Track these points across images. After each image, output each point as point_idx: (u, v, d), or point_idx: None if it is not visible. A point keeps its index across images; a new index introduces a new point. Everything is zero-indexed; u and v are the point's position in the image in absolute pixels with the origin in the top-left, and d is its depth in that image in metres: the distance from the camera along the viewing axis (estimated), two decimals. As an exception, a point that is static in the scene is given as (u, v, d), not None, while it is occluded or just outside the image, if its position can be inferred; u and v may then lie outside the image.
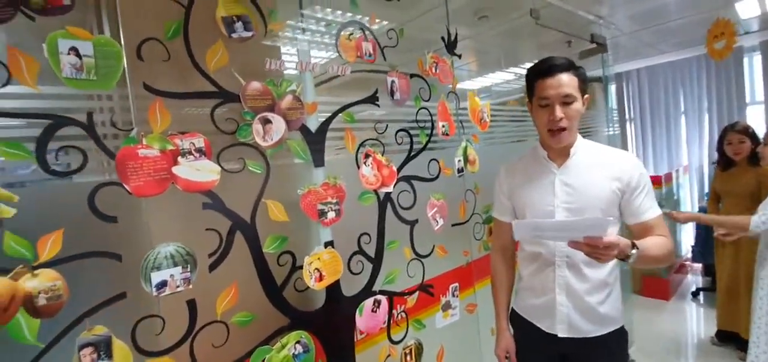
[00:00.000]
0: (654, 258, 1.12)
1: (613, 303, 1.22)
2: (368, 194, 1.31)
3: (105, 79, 0.83)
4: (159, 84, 0.90)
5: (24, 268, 0.74)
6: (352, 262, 1.27)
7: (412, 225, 1.46)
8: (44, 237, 0.76)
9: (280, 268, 1.10)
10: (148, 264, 0.87)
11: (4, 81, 0.73)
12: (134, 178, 0.85)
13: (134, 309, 0.86)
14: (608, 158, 1.21)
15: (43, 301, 0.75)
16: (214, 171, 0.97)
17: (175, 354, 0.91)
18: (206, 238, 0.97)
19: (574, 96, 1.14)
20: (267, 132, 1.07)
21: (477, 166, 1.73)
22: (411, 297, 1.44)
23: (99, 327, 0.81)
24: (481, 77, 3.74)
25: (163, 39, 0.92)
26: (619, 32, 3.35)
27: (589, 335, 1.21)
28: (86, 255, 0.80)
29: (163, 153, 0.89)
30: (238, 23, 1.03)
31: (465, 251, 1.69)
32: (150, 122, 0.89)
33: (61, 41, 0.78)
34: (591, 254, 1.00)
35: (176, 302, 0.91)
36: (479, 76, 3.74)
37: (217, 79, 0.99)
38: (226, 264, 0.99)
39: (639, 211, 1.18)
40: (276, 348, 1.08)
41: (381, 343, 1.35)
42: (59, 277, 0.77)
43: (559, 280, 1.21)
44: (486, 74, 3.65)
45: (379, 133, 1.35)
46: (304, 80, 1.17)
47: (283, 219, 1.10)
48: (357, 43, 1.29)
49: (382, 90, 1.37)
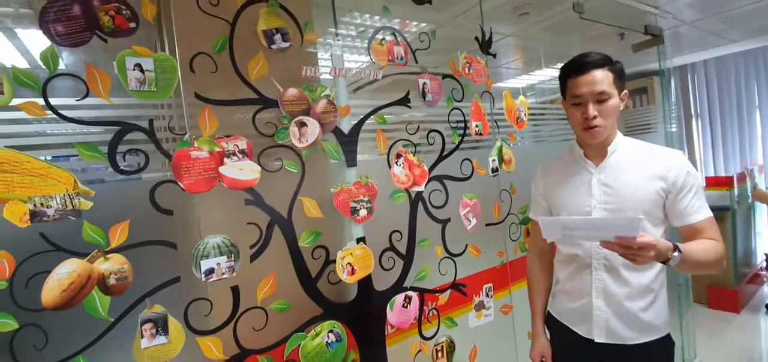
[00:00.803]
0: (699, 263, 1.05)
1: (657, 310, 1.16)
2: (400, 193, 1.36)
3: (163, 90, 0.95)
4: (208, 93, 1.01)
5: (98, 253, 0.88)
6: (383, 258, 1.32)
7: (444, 224, 1.48)
8: (114, 226, 0.89)
9: (315, 261, 1.18)
10: (198, 252, 0.98)
11: (84, 94, 0.87)
12: (187, 176, 0.96)
13: (186, 292, 0.97)
14: (652, 156, 1.15)
15: (113, 281, 0.88)
16: (255, 170, 1.06)
17: (221, 334, 1.02)
18: (248, 231, 1.07)
19: (609, 93, 1.11)
20: (303, 134, 1.15)
21: (513, 165, 1.71)
22: (443, 295, 1.47)
23: (158, 306, 0.93)
24: (527, 75, 3.64)
25: (212, 52, 1.03)
26: (679, 22, 3.11)
27: (629, 342, 1.16)
28: (148, 243, 0.93)
29: (211, 154, 1.00)
30: (277, 35, 1.12)
31: (500, 252, 1.68)
32: (200, 127, 1.00)
33: (128, 59, 0.90)
34: (625, 255, 0.97)
35: (222, 288, 1.02)
36: (525, 74, 3.64)
37: (258, 87, 1.09)
38: (265, 256, 1.08)
39: (686, 213, 1.11)
40: (310, 335, 1.16)
41: (412, 338, 1.39)
42: (126, 261, 0.90)
43: (596, 284, 1.18)
44: (532, 71, 3.54)
45: (410, 134, 1.39)
46: (338, 85, 1.24)
47: (318, 215, 1.17)
48: (389, 48, 1.34)
49: (413, 91, 1.41)
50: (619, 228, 0.94)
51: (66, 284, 0.83)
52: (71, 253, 0.85)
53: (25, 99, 0.82)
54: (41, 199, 0.82)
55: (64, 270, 0.84)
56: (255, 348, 1.07)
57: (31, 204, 0.81)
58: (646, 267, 1.14)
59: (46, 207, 0.83)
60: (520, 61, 3.36)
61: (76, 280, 0.84)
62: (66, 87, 0.85)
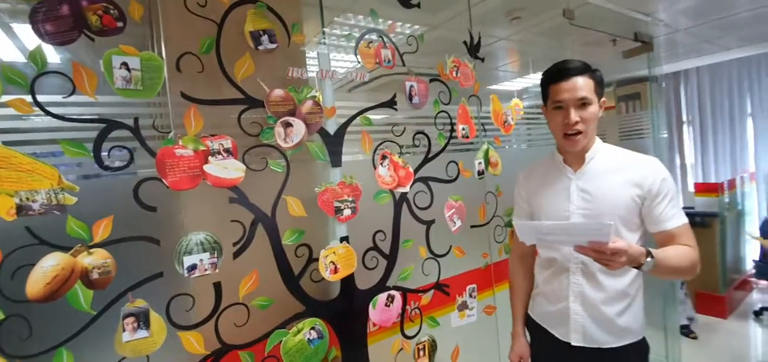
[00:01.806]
0: (673, 269, 1.08)
1: (633, 314, 1.19)
2: (384, 193, 1.38)
3: (149, 89, 0.97)
4: (194, 92, 1.04)
5: (82, 247, 0.90)
6: (366, 258, 1.35)
7: (429, 226, 1.51)
8: (98, 222, 0.91)
9: (298, 259, 1.20)
10: (181, 248, 1.00)
11: (70, 91, 0.89)
12: (171, 174, 0.99)
13: (169, 288, 1.00)
14: (628, 163, 1.18)
15: (96, 275, 0.90)
16: (240, 169, 1.09)
17: (202, 329, 1.04)
18: (231, 229, 1.09)
19: (590, 99, 1.13)
20: (288, 134, 1.17)
21: (499, 168, 1.74)
22: (426, 294, 1.49)
23: (140, 300, 0.96)
24: (521, 78, 3.66)
25: (199, 53, 1.05)
26: (672, 29, 3.14)
27: (605, 346, 1.19)
28: (131, 238, 0.95)
29: (196, 153, 1.02)
30: (264, 36, 1.14)
31: (484, 253, 1.70)
32: (185, 125, 1.02)
33: (114, 57, 0.93)
34: (599, 260, 0.99)
35: (204, 284, 1.04)
36: (518, 77, 3.66)
37: (244, 87, 1.11)
38: (248, 253, 1.11)
39: (661, 219, 1.13)
40: (292, 332, 1.18)
41: (394, 336, 1.42)
42: (109, 256, 0.92)
43: (573, 287, 1.20)
44: (525, 75, 3.57)
45: (396, 136, 1.42)
46: (324, 86, 1.27)
47: (301, 214, 1.20)
48: (376, 51, 1.37)
49: (400, 94, 1.43)
50: (592, 233, 0.96)
51: (50, 277, 0.86)
52: (55, 247, 0.87)
53: (13, 96, 0.84)
54: (27, 194, 0.84)
55: (49, 263, 0.86)
56: (236, 343, 1.09)
57: (17, 199, 0.83)
58: (623, 272, 1.16)
59: (32, 201, 0.85)
60: (514, 65, 3.39)
61: (59, 273, 0.87)
62: (53, 84, 0.87)
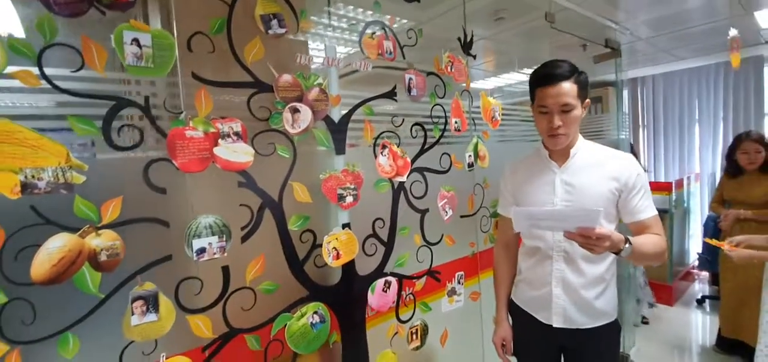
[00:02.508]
0: (646, 255, 1.19)
1: (608, 298, 1.30)
2: (383, 182, 1.42)
3: (160, 68, 0.94)
4: (204, 73, 1.02)
5: (90, 228, 0.87)
6: (366, 244, 1.38)
7: (423, 214, 1.56)
8: (107, 202, 0.88)
9: (302, 245, 1.21)
10: (190, 231, 0.99)
11: (79, 66, 0.85)
12: (181, 155, 0.97)
13: (177, 271, 0.98)
14: (607, 159, 1.28)
15: (104, 257, 0.88)
16: (249, 153, 1.08)
17: (210, 313, 1.03)
18: (240, 213, 1.08)
19: (572, 104, 1.19)
20: (295, 120, 1.17)
21: (487, 161, 1.82)
22: (419, 281, 1.55)
23: (149, 283, 0.93)
24: (495, 77, 3.80)
25: (210, 33, 1.03)
26: (635, 38, 3.37)
27: (583, 327, 1.29)
28: (140, 220, 0.93)
29: (206, 135, 1.01)
30: (274, 21, 1.14)
31: (471, 242, 1.78)
32: (196, 107, 1.00)
33: (125, 33, 0.89)
34: (584, 245, 1.08)
35: (212, 267, 1.03)
36: (494, 76, 3.80)
37: (254, 71, 1.10)
38: (255, 237, 1.11)
39: (636, 210, 1.24)
40: (296, 316, 1.19)
41: (390, 321, 1.46)
42: (118, 238, 0.89)
43: (555, 274, 1.29)
44: (501, 74, 3.70)
45: (396, 126, 1.45)
46: (330, 74, 1.28)
47: (307, 200, 1.21)
48: (379, 42, 1.39)
49: (400, 86, 1.47)
50: (580, 219, 1.04)
51: (56, 258, 0.82)
52: (62, 227, 0.83)
53: (19, 67, 0.79)
54: (33, 171, 0.80)
55: (55, 244, 0.82)
56: (243, 327, 1.09)
57: (22, 176, 0.79)
58: (600, 259, 1.27)
59: (38, 179, 0.81)
60: (490, 64, 3.51)
61: (66, 255, 0.83)
62: (61, 58, 0.83)
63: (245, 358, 1.10)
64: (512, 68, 3.48)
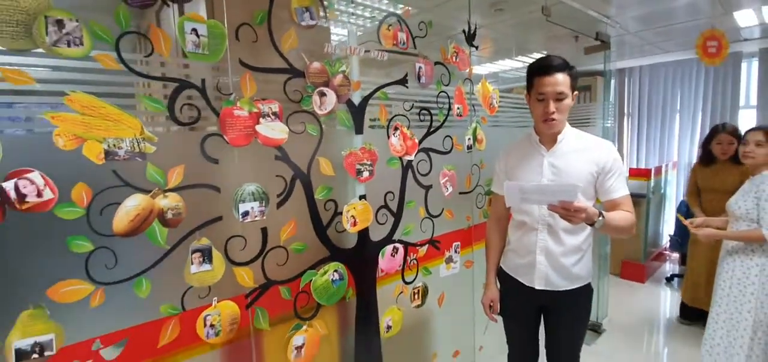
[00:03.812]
0: (617, 228, 1.38)
1: (584, 264, 1.51)
2: (394, 160, 1.59)
3: (214, 54, 1.09)
4: (248, 60, 1.16)
5: (158, 191, 1.03)
6: (378, 214, 1.56)
7: (427, 190, 1.74)
8: (172, 169, 1.04)
9: (326, 212, 1.39)
10: (237, 196, 1.16)
11: (149, 52, 1.00)
12: (231, 131, 1.13)
13: (226, 229, 1.15)
14: (589, 145, 1.45)
15: (170, 215, 1.04)
16: (284, 131, 1.24)
17: (252, 266, 1.21)
18: (276, 182, 1.25)
19: (566, 93, 1.37)
20: (322, 103, 1.33)
21: (484, 144, 2.01)
22: (422, 248, 1.75)
23: (204, 238, 1.11)
24: (490, 64, 3.95)
25: (253, 24, 1.17)
26: (624, 31, 3.56)
27: (561, 288, 1.50)
28: (198, 185, 1.09)
29: (250, 114, 1.16)
30: (306, 13, 1.28)
31: (468, 216, 1.98)
32: (242, 89, 1.15)
33: (186, 23, 1.03)
34: (565, 216, 1.26)
35: (254, 228, 1.21)
36: (487, 63, 3.95)
37: (289, 58, 1.25)
38: (288, 204, 1.28)
39: (610, 190, 1.43)
40: (320, 273, 1.38)
41: (396, 282, 1.66)
42: (181, 199, 1.06)
43: (540, 243, 1.49)
44: (494, 61, 3.86)
45: (406, 110, 1.62)
46: (351, 62, 1.43)
47: (330, 173, 1.38)
48: (394, 33, 1.54)
49: (410, 73, 1.63)
50: (562, 193, 1.22)
51: (133, 215, 0.99)
52: (137, 189, 0.99)
53: (100, 51, 0.93)
54: (114, 141, 0.95)
55: (132, 203, 0.99)
56: (277, 279, 1.27)
57: (105, 145, 0.94)
58: (578, 231, 1.47)
59: (118, 148, 0.96)
60: (485, 51, 3.66)
61: (141, 212, 1.00)
62: (134, 44, 0.97)
63: (279, 306, 1.29)
64: (506, 56, 3.63)
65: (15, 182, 0.84)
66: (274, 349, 1.30)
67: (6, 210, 0.84)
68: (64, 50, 0.89)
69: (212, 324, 1.13)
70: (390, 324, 1.65)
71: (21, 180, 0.85)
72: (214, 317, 1.13)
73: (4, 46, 0.83)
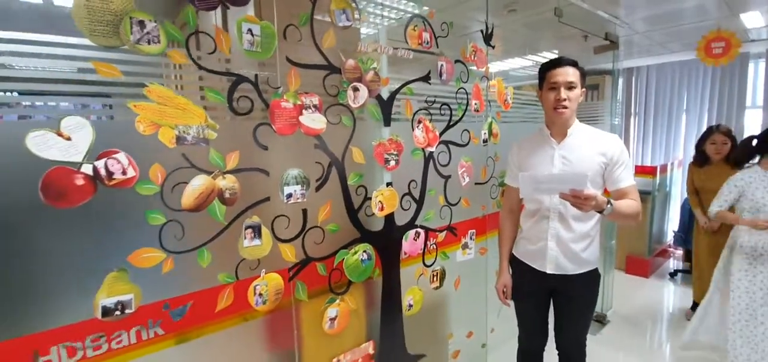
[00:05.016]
0: (624, 215, 1.49)
1: (592, 250, 1.63)
2: (418, 151, 1.72)
3: (265, 52, 1.22)
4: (294, 57, 1.29)
5: (218, 172, 1.16)
6: (403, 201, 1.69)
7: (446, 180, 1.87)
8: (229, 153, 1.17)
9: (357, 197, 1.52)
10: (282, 180, 1.29)
11: (212, 49, 1.13)
12: (278, 121, 1.26)
13: (273, 209, 1.28)
14: (598, 138, 1.57)
15: (227, 195, 1.18)
16: (323, 122, 1.37)
17: (294, 243, 1.34)
18: (315, 168, 1.38)
19: (576, 83, 1.49)
20: (356, 97, 1.46)
21: (498, 138, 2.13)
22: (441, 234, 1.87)
23: (255, 216, 1.24)
24: (500, 62, 4.05)
25: (299, 25, 1.30)
26: (633, 31, 3.65)
27: (570, 272, 1.62)
28: (250, 169, 1.22)
29: (295, 106, 1.29)
30: (343, 15, 1.41)
31: (482, 206, 2.11)
32: (288, 83, 1.28)
33: (243, 24, 1.17)
34: (575, 204, 1.38)
35: (296, 209, 1.34)
36: (498, 61, 4.05)
37: (328, 56, 1.38)
38: (325, 188, 1.41)
39: (618, 180, 1.54)
40: (351, 252, 1.52)
41: (417, 264, 1.79)
42: (236, 181, 1.19)
43: (551, 230, 1.60)
44: (504, 59, 3.96)
45: (429, 105, 1.75)
46: (381, 60, 1.56)
47: (361, 161, 1.51)
48: (419, 33, 1.66)
49: (433, 71, 1.75)
50: (572, 181, 1.33)
51: (198, 193, 1.12)
52: (201, 171, 1.13)
53: (172, 49, 1.07)
54: (183, 127, 1.09)
55: (197, 182, 1.12)
56: (315, 256, 1.41)
57: (176, 131, 1.08)
58: (587, 218, 1.58)
59: (187, 134, 1.10)
60: (497, 49, 3.76)
61: (204, 191, 1.13)
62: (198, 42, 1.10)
63: (316, 280, 1.42)
64: (517, 55, 3.74)
65: (105, 161, 0.98)
66: (311, 319, 1.44)
67: (97, 186, 0.97)
68: (144, 47, 1.02)
69: (260, 293, 1.27)
70: (411, 303, 1.78)
71: (110, 159, 0.98)
72: (263, 287, 1.27)
73: (97, 43, 0.96)
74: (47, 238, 0.93)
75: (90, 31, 0.95)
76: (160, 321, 1.09)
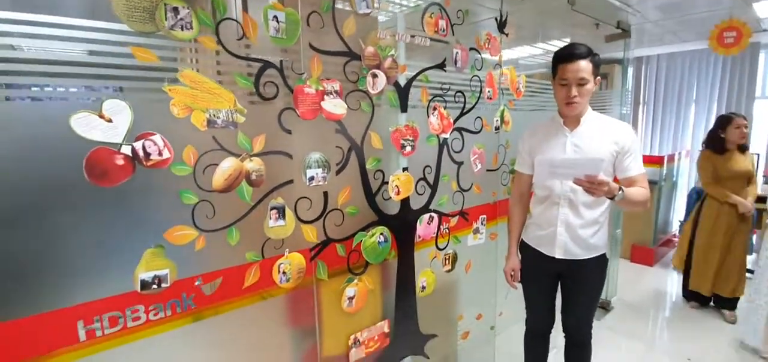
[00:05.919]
0: (634, 201, 1.54)
1: (601, 236, 1.68)
2: (433, 137, 1.76)
3: (290, 38, 1.26)
4: (316, 44, 1.33)
5: (246, 155, 1.21)
6: (418, 185, 1.73)
7: (459, 166, 1.91)
8: (256, 137, 1.22)
9: (375, 181, 1.57)
10: (305, 163, 1.34)
11: (240, 36, 1.17)
12: (302, 106, 1.30)
13: (296, 191, 1.33)
14: (609, 126, 1.60)
15: (254, 177, 1.23)
16: (343, 107, 1.41)
17: (316, 224, 1.40)
18: (335, 152, 1.43)
19: (587, 79, 1.51)
20: (374, 83, 1.50)
21: (510, 126, 2.16)
22: (453, 218, 1.92)
23: (279, 198, 1.29)
24: (509, 50, 4.04)
25: (321, 12, 1.33)
26: (645, 20, 3.64)
27: (579, 257, 1.67)
28: (275, 152, 1.27)
29: (317, 91, 1.33)
30: (364, 3, 1.43)
31: (493, 192, 2.15)
32: (310, 70, 1.32)
33: (269, 11, 1.20)
34: (588, 189, 1.43)
35: (317, 191, 1.39)
36: (508, 49, 4.04)
37: (349, 43, 1.41)
38: (345, 172, 1.46)
39: (628, 168, 1.59)
40: (369, 234, 1.57)
41: (430, 247, 1.85)
42: (262, 163, 1.24)
43: (561, 216, 1.65)
44: (514, 47, 3.95)
45: (444, 92, 1.78)
46: (399, 47, 1.59)
47: (379, 146, 1.55)
48: (436, 20, 1.69)
49: (448, 58, 1.78)
50: (587, 166, 1.38)
51: (227, 174, 1.17)
52: (230, 153, 1.18)
53: (203, 35, 1.10)
54: (214, 111, 1.13)
55: (226, 164, 1.17)
56: (334, 237, 1.46)
57: (207, 115, 1.12)
58: (596, 205, 1.62)
59: (217, 118, 1.14)
60: (510, 38, 3.75)
61: (233, 173, 1.18)
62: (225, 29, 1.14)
63: (335, 261, 1.48)
64: (529, 42, 3.73)
65: (142, 143, 1.03)
66: (331, 298, 1.50)
67: (136, 166, 1.02)
68: (178, 33, 1.06)
69: (284, 271, 1.33)
70: (424, 284, 1.84)
71: (147, 141, 1.03)
72: (286, 266, 1.33)
73: (135, 29, 1.01)
74: (91, 215, 0.98)
75: (128, 17, 0.99)
76: (194, 296, 1.15)
